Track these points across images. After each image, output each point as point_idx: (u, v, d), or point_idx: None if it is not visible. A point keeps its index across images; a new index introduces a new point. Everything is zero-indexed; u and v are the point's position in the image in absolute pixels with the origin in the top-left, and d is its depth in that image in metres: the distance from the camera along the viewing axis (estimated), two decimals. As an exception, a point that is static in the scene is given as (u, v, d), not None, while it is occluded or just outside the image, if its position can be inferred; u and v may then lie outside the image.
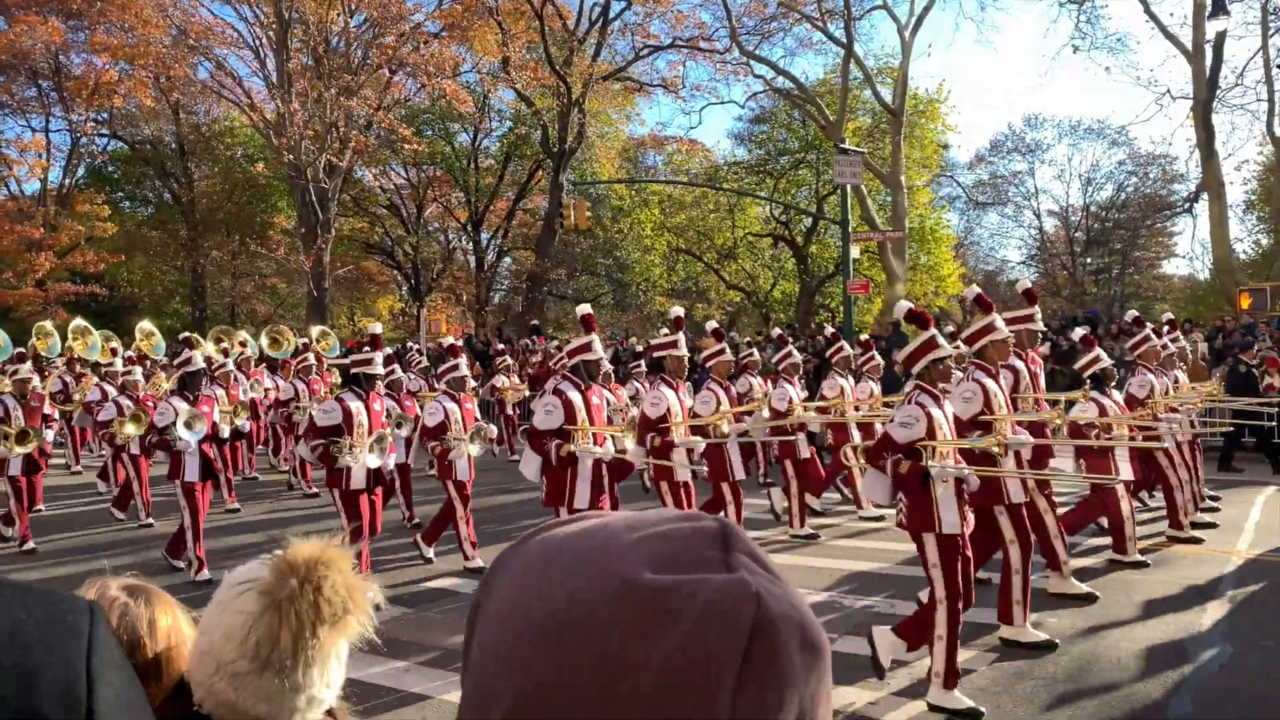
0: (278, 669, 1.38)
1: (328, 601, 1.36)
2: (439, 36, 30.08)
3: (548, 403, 6.93)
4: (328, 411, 7.80)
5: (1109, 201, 40.77)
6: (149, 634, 1.52)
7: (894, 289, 26.68)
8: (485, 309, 35.32)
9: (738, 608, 0.54)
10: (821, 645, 0.58)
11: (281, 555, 1.39)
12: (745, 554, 0.59)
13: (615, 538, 0.60)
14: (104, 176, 36.80)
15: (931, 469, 5.12)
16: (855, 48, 27.70)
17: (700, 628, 0.53)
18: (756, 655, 0.54)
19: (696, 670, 0.53)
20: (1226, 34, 22.47)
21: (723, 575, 0.56)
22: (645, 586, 0.55)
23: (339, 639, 1.40)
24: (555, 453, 6.77)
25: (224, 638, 1.40)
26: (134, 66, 28.39)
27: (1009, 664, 5.87)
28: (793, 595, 0.59)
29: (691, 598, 0.54)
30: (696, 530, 0.61)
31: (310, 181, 26.79)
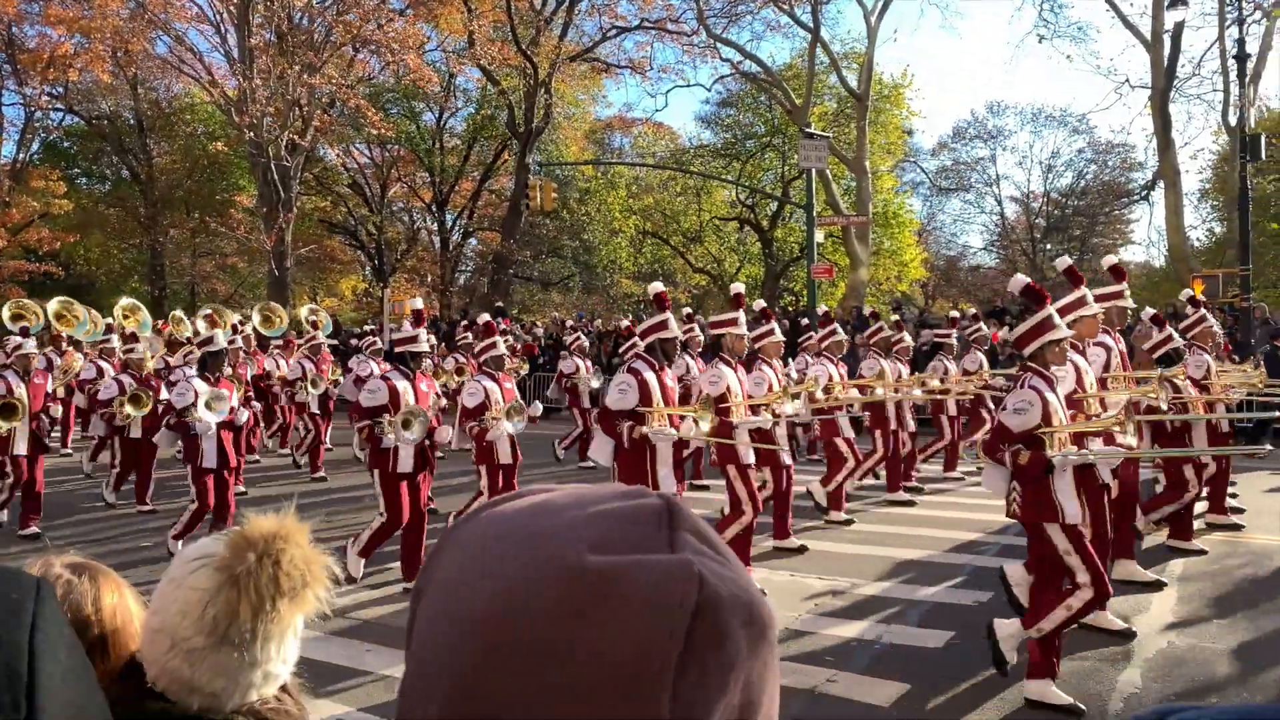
0: (235, 644, 1.37)
1: (286, 575, 1.34)
2: (404, 14, 29.73)
3: (622, 382, 6.60)
4: (373, 391, 7.53)
5: (1069, 188, 41.37)
6: (94, 612, 1.50)
7: (857, 273, 26.93)
8: (450, 290, 35.13)
9: (679, 589, 0.54)
10: (766, 623, 0.58)
11: (239, 530, 1.38)
12: (690, 532, 0.59)
13: (557, 517, 0.60)
14: (60, 152, 36.01)
15: (1055, 459, 4.82)
16: (822, 32, 27.84)
17: (641, 610, 0.53)
18: (699, 636, 0.54)
19: (638, 653, 0.53)
20: (1184, 25, 22.84)
21: (664, 555, 0.56)
22: (586, 569, 0.55)
23: (297, 613, 1.39)
24: (628, 435, 6.44)
25: (179, 614, 1.38)
26: (90, 40, 27.74)
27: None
28: (738, 574, 0.59)
29: (632, 580, 0.54)
30: (640, 508, 0.60)
31: (272, 160, 26.43)
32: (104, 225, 34.43)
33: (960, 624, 6.23)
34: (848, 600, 6.87)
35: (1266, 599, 6.68)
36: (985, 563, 7.80)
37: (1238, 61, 17.47)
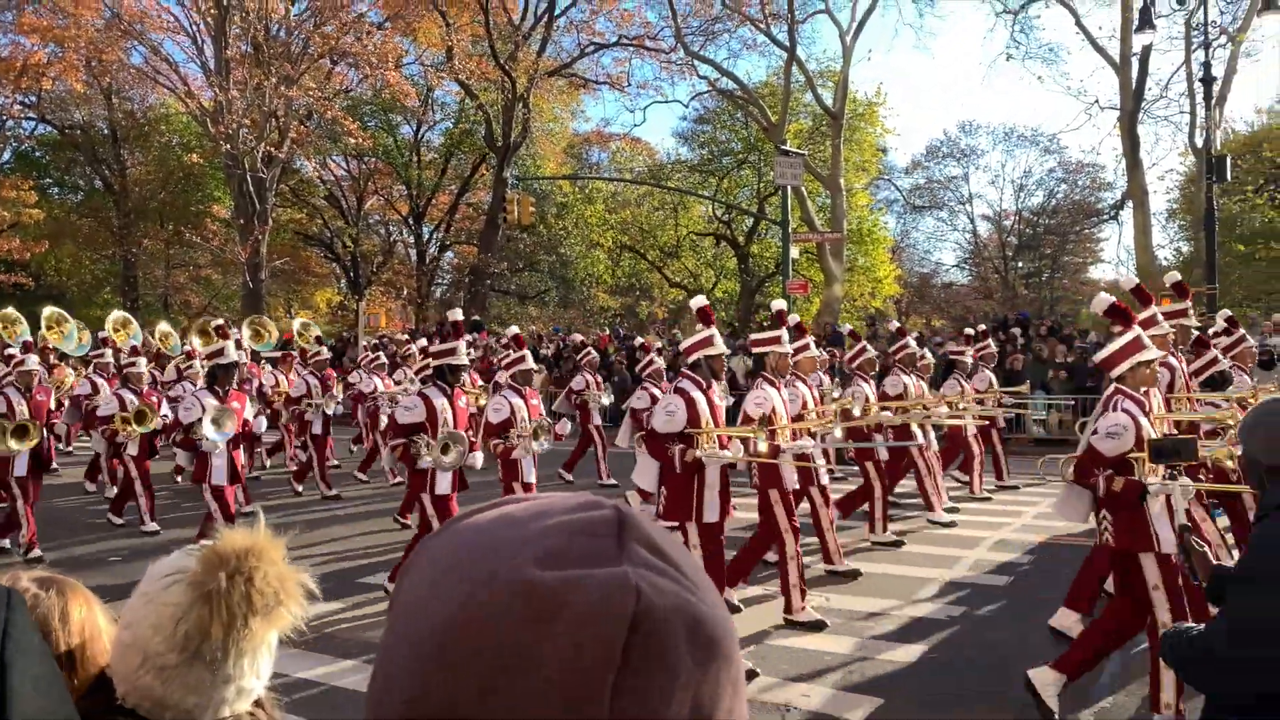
0: (207, 661, 1.36)
1: (259, 592, 1.33)
2: (382, 27, 29.76)
3: (669, 403, 6.23)
4: (410, 408, 7.24)
5: (1040, 207, 41.88)
6: (61, 626, 1.49)
7: (832, 289, 27.13)
8: (426, 303, 35.04)
9: (616, 603, 0.54)
10: (719, 639, 0.58)
11: (211, 546, 1.36)
12: (641, 543, 0.59)
13: (510, 532, 0.60)
14: (31, 161, 35.68)
15: (1150, 485, 4.62)
16: (798, 51, 28.08)
17: (580, 626, 0.53)
18: (636, 650, 0.54)
19: (579, 670, 0.53)
20: (1152, 48, 23.26)
21: (605, 569, 0.56)
22: (531, 585, 0.55)
23: (271, 630, 1.38)
24: (680, 459, 6.08)
25: (151, 630, 1.37)
26: (64, 49, 27.57)
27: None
28: (689, 588, 0.58)
29: (573, 594, 0.54)
30: (592, 520, 0.60)
31: (248, 171, 26.30)
32: (76, 235, 34.13)
33: (935, 638, 6.32)
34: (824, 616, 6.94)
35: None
36: (957, 575, 7.91)
37: (1204, 85, 17.85)
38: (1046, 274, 41.79)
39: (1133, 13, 21.87)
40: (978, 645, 6.19)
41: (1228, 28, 23.65)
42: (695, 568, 0.61)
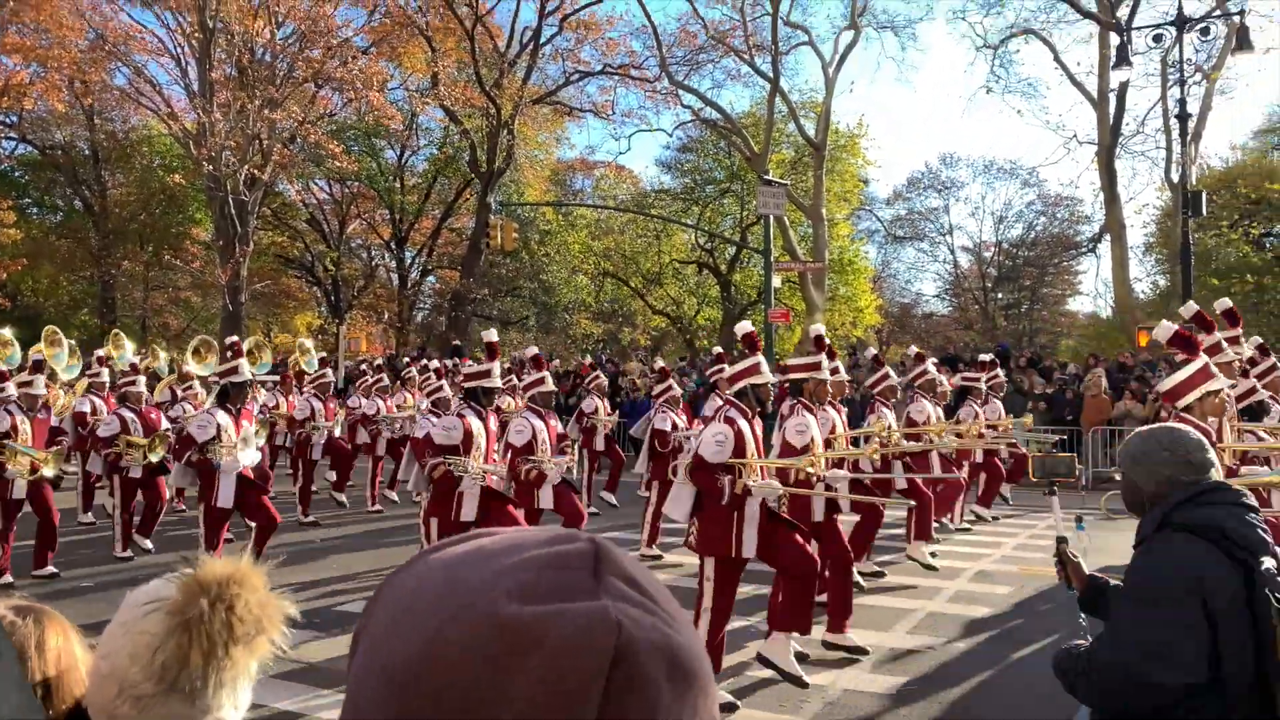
0: (185, 691, 1.33)
1: (240, 620, 1.31)
2: (367, 52, 29.86)
3: (719, 432, 5.92)
4: (449, 429, 7.05)
5: (1019, 239, 42.28)
6: (37, 654, 1.46)
7: (813, 318, 27.24)
8: (407, 327, 34.93)
9: (596, 637, 0.53)
10: (696, 671, 0.58)
11: (191, 574, 1.34)
12: (618, 577, 0.59)
13: (484, 565, 0.59)
14: (10, 181, 35.39)
15: None
16: (781, 82, 28.37)
17: (557, 660, 0.53)
18: (617, 685, 0.53)
19: (556, 704, 0.52)
20: (1129, 84, 23.66)
21: (582, 604, 0.55)
22: (505, 620, 0.54)
23: (251, 659, 1.35)
24: (729, 490, 5.73)
25: (128, 659, 1.34)
26: (47, 69, 27.49)
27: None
28: (666, 621, 0.58)
29: (550, 630, 0.54)
30: (567, 554, 0.60)
31: (230, 194, 26.21)
32: (54, 256, 33.85)
33: (914, 670, 6.28)
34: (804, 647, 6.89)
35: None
36: (937, 607, 7.88)
37: (1180, 121, 18.11)
38: (1026, 305, 42.12)
39: (1110, 50, 22.26)
40: (958, 677, 6.16)
41: (1203, 65, 24.09)
42: (669, 599, 0.61)
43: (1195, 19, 18.47)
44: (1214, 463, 2.61)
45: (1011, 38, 27.67)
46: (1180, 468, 2.57)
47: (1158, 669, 2.34)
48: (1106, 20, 23.60)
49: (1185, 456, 2.58)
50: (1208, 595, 2.33)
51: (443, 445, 7.01)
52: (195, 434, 7.82)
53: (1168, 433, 2.67)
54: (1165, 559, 2.45)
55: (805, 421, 6.76)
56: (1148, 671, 2.34)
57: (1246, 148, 34.39)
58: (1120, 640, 2.45)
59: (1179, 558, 2.42)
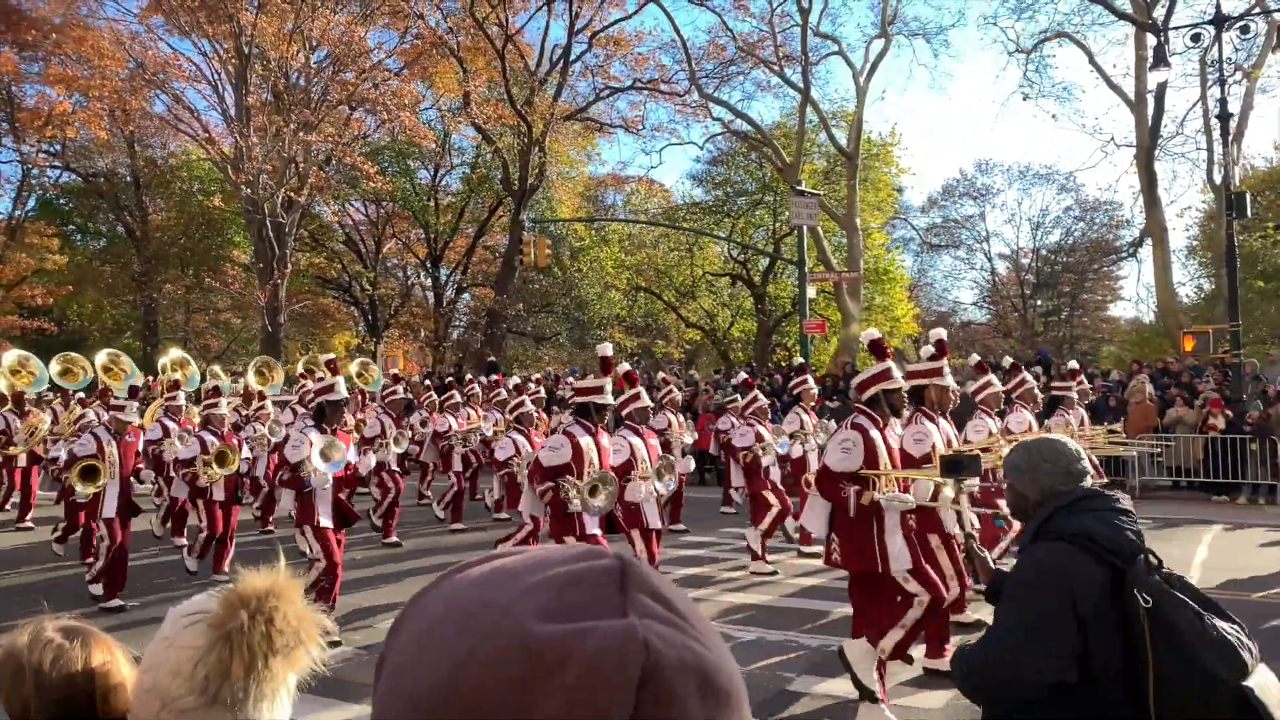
0: (228, 703, 1.35)
1: (280, 633, 1.33)
2: (400, 74, 30.21)
3: (846, 438, 5.72)
4: (555, 448, 6.81)
5: (1057, 245, 41.80)
6: (84, 675, 1.50)
7: (849, 329, 27.05)
8: (443, 345, 35.17)
9: (624, 656, 0.52)
10: (729, 690, 0.56)
11: (231, 588, 1.36)
12: (646, 594, 0.57)
13: (508, 585, 0.58)
14: (55, 209, 36.25)
15: None
16: (811, 92, 28.27)
17: (585, 680, 0.51)
18: (646, 705, 0.52)
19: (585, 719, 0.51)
20: (1167, 85, 23.27)
21: (609, 622, 0.54)
22: (532, 640, 0.53)
23: (290, 671, 1.38)
24: (855, 501, 5.52)
25: (171, 674, 1.37)
26: (89, 99, 28.11)
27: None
28: (697, 638, 0.56)
29: (577, 648, 0.52)
30: (593, 570, 0.59)
31: (267, 216, 26.60)
32: (98, 281, 34.56)
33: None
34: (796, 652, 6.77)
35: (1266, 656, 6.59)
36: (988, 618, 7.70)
37: (1220, 121, 17.75)
38: (1065, 312, 41.59)
39: (1147, 50, 21.92)
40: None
41: (1243, 64, 23.67)
42: (700, 617, 0.59)
43: (1234, 17, 18.13)
44: (1088, 471, 2.76)
45: (1045, 41, 27.38)
46: (1060, 478, 2.72)
47: (1029, 667, 2.47)
48: (1142, 21, 23.26)
49: (1065, 468, 2.73)
50: (1077, 598, 2.46)
51: (551, 467, 6.73)
52: (289, 455, 7.63)
53: (1050, 445, 2.81)
54: (1039, 564, 2.61)
55: (925, 430, 6.42)
56: (1020, 670, 2.49)
57: (1290, 147, 33.76)
58: (996, 640, 2.60)
59: (1051, 563, 2.56)
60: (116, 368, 15.32)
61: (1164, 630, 2.39)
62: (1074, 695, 2.46)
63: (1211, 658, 2.37)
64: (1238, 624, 2.46)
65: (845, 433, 5.77)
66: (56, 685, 1.47)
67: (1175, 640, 2.38)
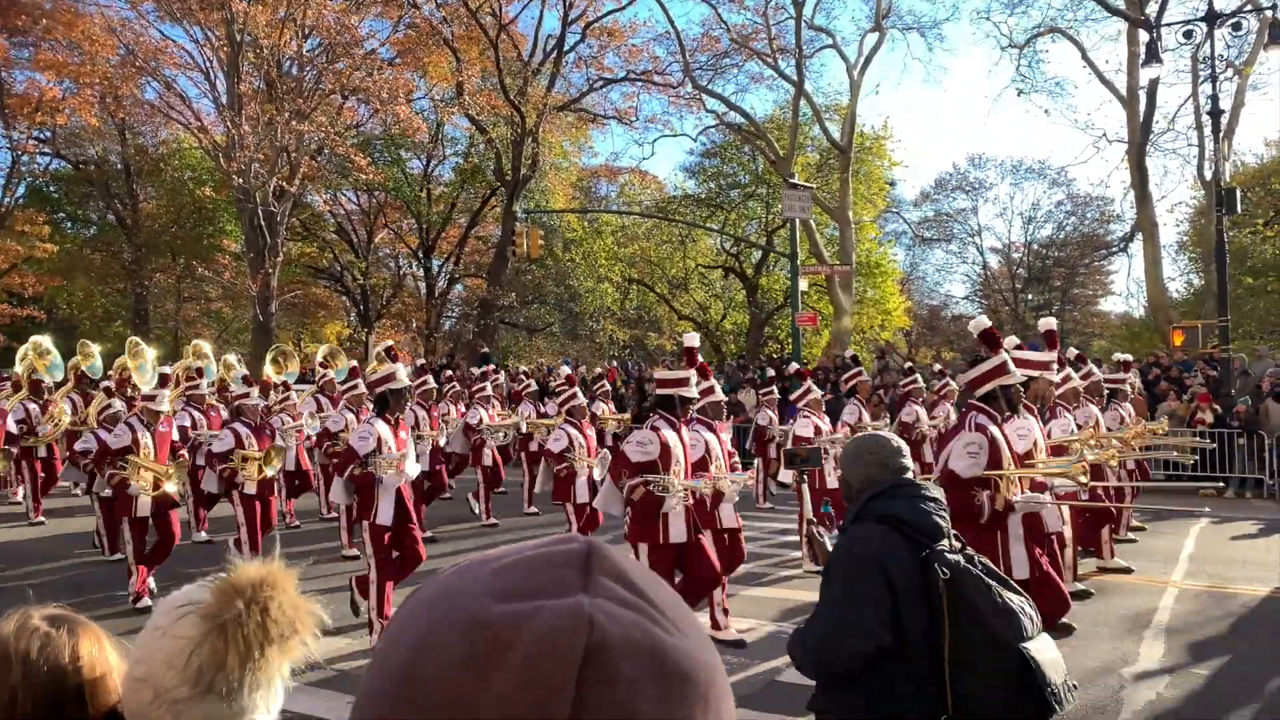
0: (222, 693, 1.35)
1: (274, 622, 1.33)
2: (393, 63, 30.08)
3: (970, 442, 5.31)
4: (643, 444, 6.55)
5: (1049, 240, 41.93)
6: (72, 663, 1.48)
7: (841, 321, 27.11)
8: (435, 336, 35.12)
9: (569, 634, 0.53)
10: (689, 675, 0.55)
11: (225, 577, 1.35)
12: (610, 577, 0.58)
13: (479, 570, 0.59)
14: (45, 196, 35.99)
15: None
16: (805, 85, 28.27)
17: (531, 656, 0.52)
18: (591, 683, 0.52)
19: (529, 701, 0.52)
20: (1159, 81, 23.33)
21: (559, 600, 0.55)
22: (486, 619, 0.55)
23: (285, 661, 1.37)
24: (989, 506, 5.24)
25: (164, 664, 1.36)
26: (79, 85, 27.92)
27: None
28: (656, 621, 0.56)
29: (525, 627, 0.53)
30: (558, 554, 0.59)
31: (259, 205, 26.48)
32: (88, 269, 34.36)
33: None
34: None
35: (1250, 648, 6.67)
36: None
37: (1211, 117, 17.82)
38: (1056, 306, 41.73)
39: (1139, 46, 21.99)
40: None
41: (1234, 61, 23.76)
42: (674, 604, 0.59)
43: (1226, 14, 18.21)
44: (907, 466, 3.11)
45: (1038, 37, 27.41)
46: (877, 468, 3.07)
47: (850, 636, 2.78)
48: (1135, 17, 23.31)
49: (882, 460, 3.08)
50: (890, 574, 2.78)
51: (640, 463, 6.46)
52: (356, 446, 7.27)
53: (873, 439, 3.19)
54: (857, 544, 2.93)
55: (1027, 425, 6.07)
56: (841, 639, 2.79)
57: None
58: (822, 615, 2.91)
59: (867, 542, 2.89)
60: (138, 358, 14.73)
61: (959, 599, 2.74)
62: (890, 669, 2.78)
63: (1000, 624, 2.71)
64: (1024, 596, 2.83)
65: (968, 435, 5.38)
66: (43, 674, 1.45)
67: (969, 608, 2.73)
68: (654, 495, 6.38)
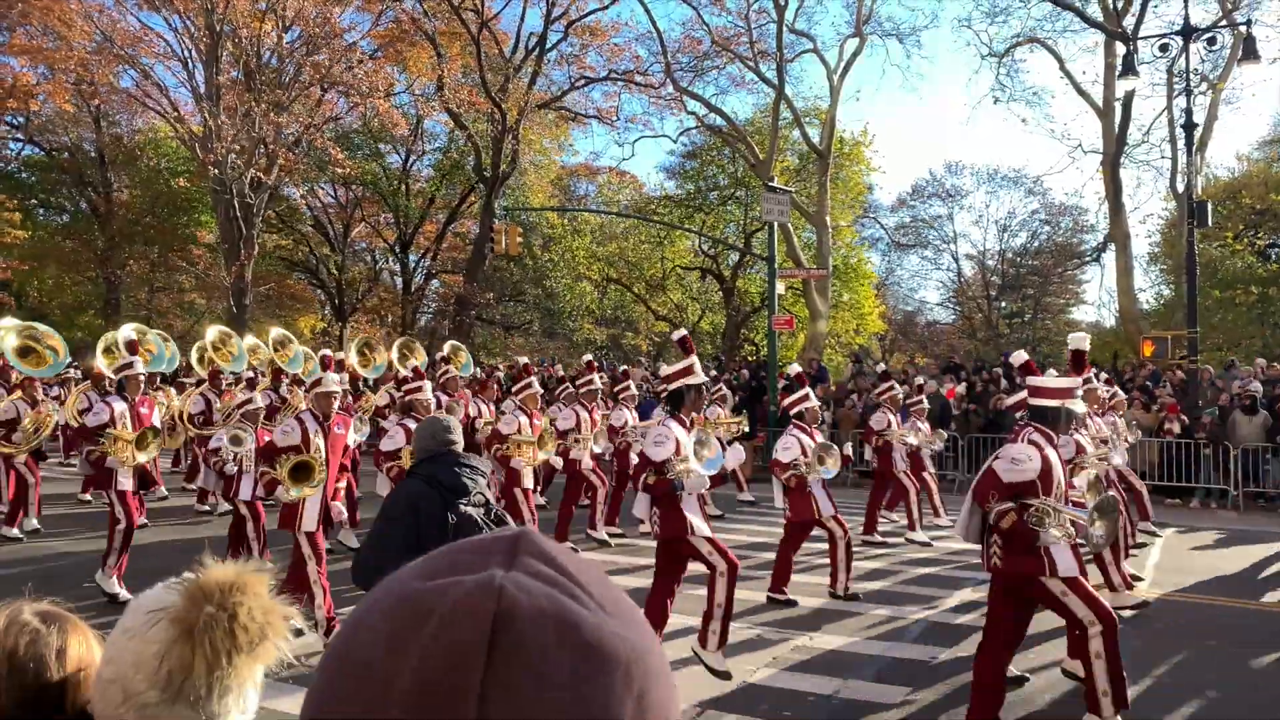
0: (190, 699, 1.31)
1: (244, 628, 1.28)
2: (374, 56, 29.92)
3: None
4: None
5: (1023, 248, 42.28)
6: (56, 660, 1.47)
7: (817, 325, 27.23)
8: (411, 331, 34.96)
9: (477, 603, 0.55)
10: (604, 644, 0.56)
11: (194, 580, 1.31)
12: (535, 557, 0.60)
13: (419, 560, 0.63)
14: (17, 182, 35.48)
15: None
16: (786, 89, 28.36)
17: (444, 627, 0.55)
18: (501, 653, 0.54)
19: (443, 670, 0.54)
20: (1135, 94, 23.59)
21: (476, 574, 0.58)
22: (407, 594, 0.58)
23: (256, 666, 1.33)
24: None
25: (133, 667, 1.33)
26: (55, 71, 27.56)
27: (921, 696, 6.02)
28: (574, 595, 0.58)
29: (440, 600, 0.56)
30: (491, 539, 0.63)
31: (235, 196, 26.28)
32: (59, 257, 33.93)
33: (918, 679, 6.25)
34: (805, 654, 6.87)
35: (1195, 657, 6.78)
36: (941, 619, 7.85)
37: (1185, 130, 18.04)
38: (1029, 314, 42.13)
39: (1116, 59, 22.22)
40: (962, 687, 6.13)
41: (1209, 75, 24.07)
42: (602, 587, 0.60)
43: (1202, 29, 18.43)
44: (453, 441, 4.12)
45: (1016, 46, 27.65)
46: (429, 440, 4.13)
47: (382, 556, 3.81)
48: (1113, 29, 23.58)
49: (431, 434, 4.14)
50: (420, 515, 3.88)
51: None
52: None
53: (433, 421, 4.26)
54: (400, 491, 4.11)
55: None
56: (377, 556, 3.88)
57: (1252, 158, 34.40)
58: (368, 543, 4.09)
59: (408, 491, 4.02)
60: (225, 348, 14.25)
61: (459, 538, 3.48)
62: None
63: None
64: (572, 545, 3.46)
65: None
66: (28, 671, 1.44)
67: None
68: None
